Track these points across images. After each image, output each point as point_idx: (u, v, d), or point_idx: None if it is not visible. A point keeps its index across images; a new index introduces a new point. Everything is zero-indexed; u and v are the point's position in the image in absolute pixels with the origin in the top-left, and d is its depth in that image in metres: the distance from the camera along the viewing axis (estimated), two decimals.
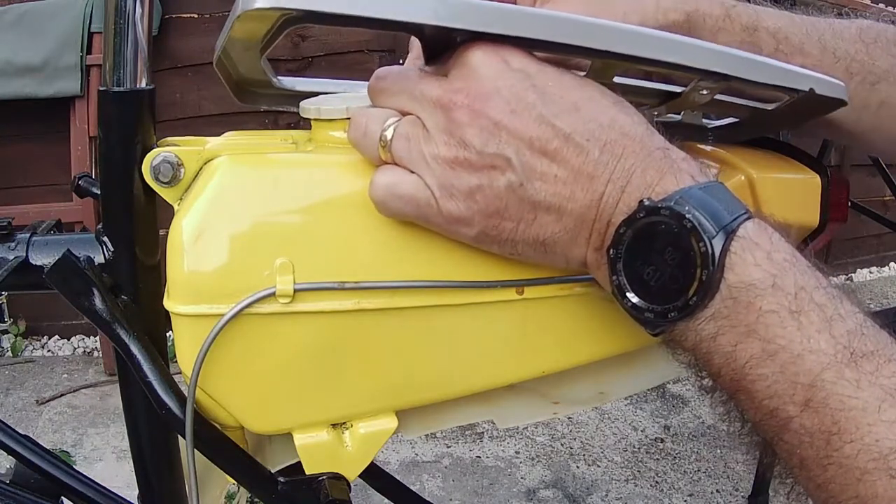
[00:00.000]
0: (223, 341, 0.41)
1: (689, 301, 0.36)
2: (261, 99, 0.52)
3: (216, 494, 0.55)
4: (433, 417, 0.51)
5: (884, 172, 1.96)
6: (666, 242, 0.37)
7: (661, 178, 0.38)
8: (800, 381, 0.34)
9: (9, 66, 1.96)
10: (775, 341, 0.35)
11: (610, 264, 0.39)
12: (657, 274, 0.37)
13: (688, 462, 1.83)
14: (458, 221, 0.40)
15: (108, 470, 1.70)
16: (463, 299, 0.44)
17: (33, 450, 0.54)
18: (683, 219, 0.36)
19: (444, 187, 0.40)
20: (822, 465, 0.34)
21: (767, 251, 0.36)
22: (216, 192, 0.42)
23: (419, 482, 1.72)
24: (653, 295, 0.38)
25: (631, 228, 0.37)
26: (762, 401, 0.36)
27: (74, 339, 2.35)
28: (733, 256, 0.36)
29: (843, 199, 0.56)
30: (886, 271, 3.17)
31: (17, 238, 0.48)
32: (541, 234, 0.40)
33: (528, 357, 0.46)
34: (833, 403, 0.34)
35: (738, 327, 0.36)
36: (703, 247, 0.36)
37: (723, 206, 0.37)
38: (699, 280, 0.36)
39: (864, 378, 0.34)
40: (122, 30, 0.44)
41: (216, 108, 2.19)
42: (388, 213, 0.42)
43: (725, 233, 0.36)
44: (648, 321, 0.38)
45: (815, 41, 0.50)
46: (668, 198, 0.37)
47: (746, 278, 0.36)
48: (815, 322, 0.35)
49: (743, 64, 0.44)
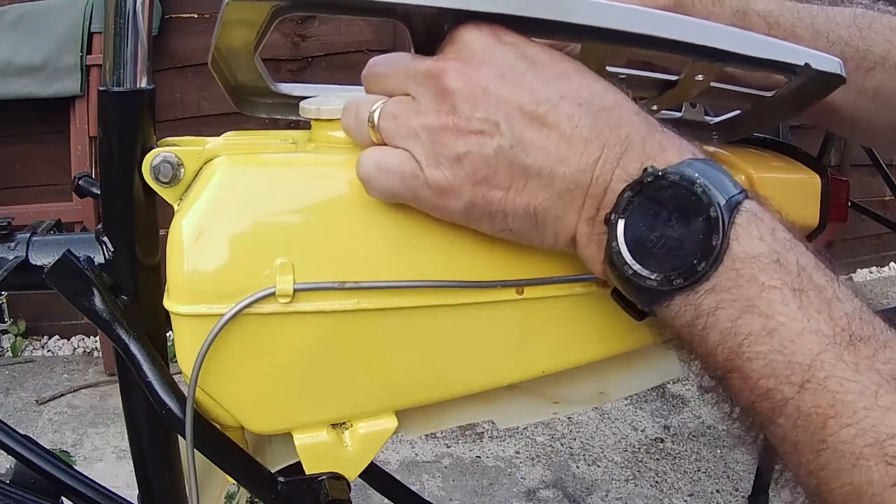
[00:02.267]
0: (223, 341, 0.41)
1: (696, 268, 0.35)
2: (260, 107, 0.52)
3: (216, 494, 0.55)
4: (433, 417, 0.51)
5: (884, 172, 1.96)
6: (674, 207, 0.36)
7: (663, 150, 0.38)
8: (798, 361, 0.33)
9: (9, 66, 1.96)
10: (776, 318, 0.34)
11: (609, 231, 0.37)
12: (661, 240, 0.36)
13: (688, 462, 1.83)
14: (445, 192, 0.39)
15: (108, 470, 1.70)
16: (463, 299, 0.44)
17: (33, 450, 0.54)
18: (694, 184, 0.35)
19: (430, 156, 0.39)
20: (816, 451, 0.33)
21: (771, 227, 0.36)
22: (216, 192, 0.42)
23: (419, 482, 1.72)
24: (656, 262, 0.36)
25: (636, 193, 0.36)
26: (758, 381, 0.35)
27: (74, 339, 2.35)
28: (738, 228, 0.35)
29: (843, 199, 0.56)
30: (886, 271, 3.17)
31: (17, 238, 0.48)
32: (532, 201, 0.39)
33: (528, 357, 0.46)
34: (832, 385, 0.33)
35: (739, 301, 0.35)
36: (714, 212, 0.35)
37: (727, 179, 0.37)
38: (708, 245, 0.35)
39: (861, 362, 0.33)
40: (122, 30, 0.44)
41: (216, 108, 2.18)
42: (374, 191, 0.41)
43: (732, 203, 0.36)
44: (649, 290, 0.37)
45: (808, 25, 0.50)
46: (674, 165, 0.37)
47: (751, 251, 0.35)
48: (815, 302, 0.34)
49: (735, 39, 0.44)
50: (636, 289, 0.37)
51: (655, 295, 0.37)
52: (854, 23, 0.51)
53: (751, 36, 0.45)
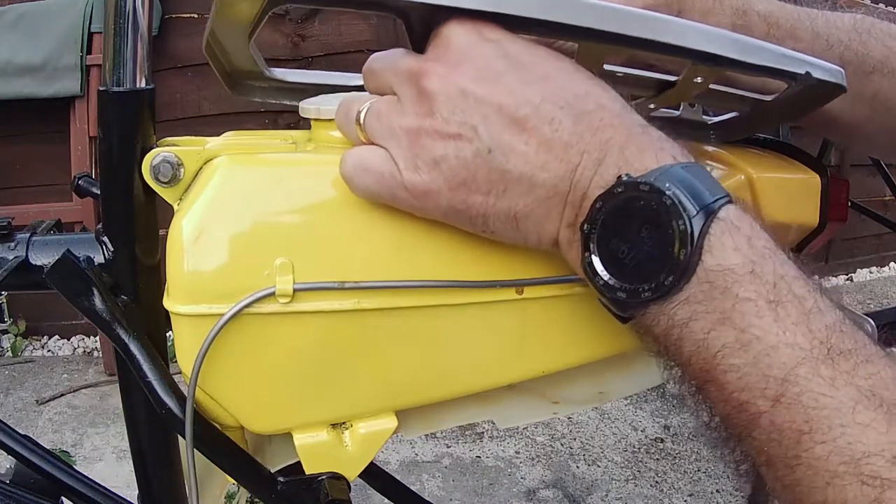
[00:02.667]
0: (223, 341, 0.41)
1: (664, 282, 0.35)
2: (255, 91, 0.52)
3: (216, 494, 0.55)
4: (433, 417, 0.51)
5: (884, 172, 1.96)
6: (644, 219, 0.35)
7: (641, 154, 0.36)
8: (772, 375, 0.33)
9: (9, 66, 1.96)
10: (750, 331, 0.33)
11: (583, 240, 0.37)
12: (633, 252, 0.36)
13: (688, 462, 1.83)
14: (423, 195, 0.39)
15: (108, 470, 1.70)
16: (463, 299, 0.44)
17: (33, 450, 0.54)
18: (663, 195, 0.34)
19: (408, 158, 0.39)
20: (790, 466, 0.33)
21: (748, 236, 0.35)
22: (216, 192, 0.42)
23: (419, 482, 1.72)
24: (627, 274, 0.36)
25: (608, 203, 0.36)
26: (732, 393, 0.34)
27: (74, 339, 2.34)
28: (712, 238, 0.34)
29: (843, 199, 0.56)
30: (886, 271, 3.17)
31: (17, 238, 0.48)
32: (512, 207, 0.38)
33: (528, 357, 0.46)
34: (806, 400, 0.32)
35: (713, 314, 0.34)
36: (683, 225, 0.34)
37: (704, 186, 0.35)
38: (676, 260, 0.34)
39: (839, 377, 0.32)
40: (122, 30, 0.44)
41: (216, 108, 2.18)
42: (356, 189, 0.41)
43: (706, 213, 0.35)
44: (620, 301, 0.36)
45: (808, 27, 0.50)
46: (649, 174, 0.35)
47: (724, 262, 0.34)
48: (793, 314, 0.33)
49: (735, 45, 0.43)
50: (608, 299, 0.37)
51: (628, 306, 0.37)
52: (854, 27, 0.51)
53: (752, 43, 0.44)
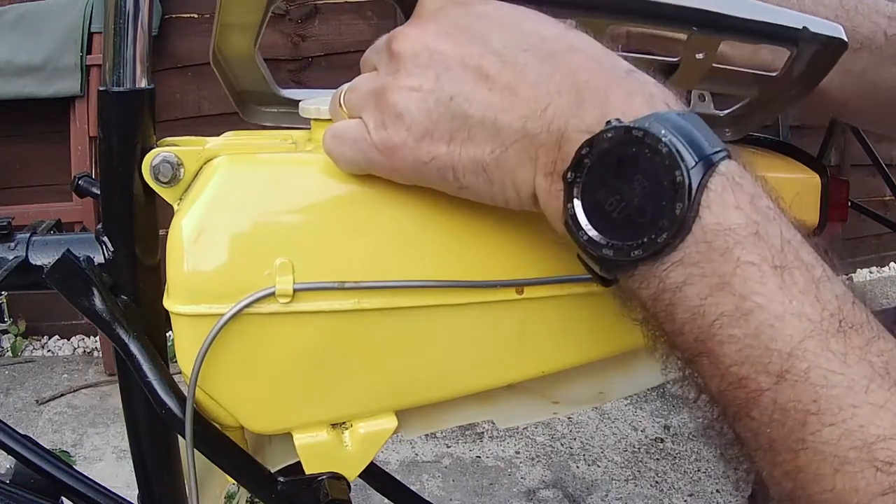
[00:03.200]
0: (223, 341, 0.41)
1: (657, 239, 0.31)
2: (265, 116, 0.52)
3: (216, 494, 0.55)
4: (433, 417, 0.51)
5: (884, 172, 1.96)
6: (636, 169, 0.32)
7: (630, 98, 0.33)
8: (776, 348, 0.29)
9: (9, 66, 1.96)
10: (752, 298, 0.30)
11: (566, 190, 0.33)
12: (621, 205, 0.32)
13: (688, 462, 1.83)
14: (391, 151, 0.38)
15: (108, 470, 1.70)
16: (463, 299, 0.44)
17: (33, 450, 0.54)
18: (660, 142, 0.31)
19: (376, 118, 0.38)
20: (794, 451, 0.29)
21: (751, 194, 0.32)
22: (216, 192, 0.42)
23: (419, 482, 1.72)
24: (614, 229, 0.32)
25: (595, 149, 0.32)
26: (729, 367, 0.31)
27: (74, 339, 2.35)
28: (711, 194, 0.31)
29: (843, 199, 0.56)
30: (886, 271, 3.17)
31: (17, 238, 0.48)
32: (478, 154, 0.36)
33: (528, 357, 0.46)
34: (814, 378, 0.29)
35: (710, 277, 0.31)
36: (680, 175, 0.31)
37: (703, 136, 0.32)
38: (671, 215, 0.31)
39: (851, 352, 0.29)
40: (122, 30, 0.44)
41: (216, 108, 2.18)
42: (338, 162, 0.41)
43: (705, 165, 0.31)
44: (606, 260, 0.33)
45: (794, 3, 0.50)
46: (641, 119, 0.32)
47: (725, 221, 0.31)
48: (800, 282, 0.30)
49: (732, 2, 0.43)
50: (592, 257, 0.34)
51: (615, 265, 0.33)
52: (841, 4, 0.51)
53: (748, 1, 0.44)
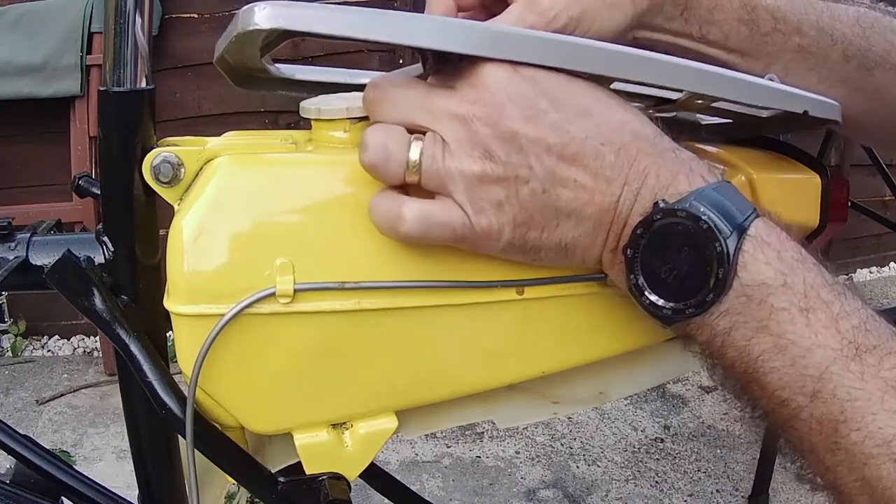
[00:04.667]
0: (223, 341, 0.41)
1: (705, 298, 0.38)
2: (260, 84, 0.52)
3: (216, 494, 0.55)
4: (433, 417, 0.51)
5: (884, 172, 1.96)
6: (683, 242, 0.38)
7: (674, 179, 0.39)
8: (809, 374, 0.36)
9: (9, 66, 1.96)
10: (786, 336, 0.37)
11: (627, 264, 0.40)
12: (674, 272, 0.39)
13: (688, 462, 1.83)
14: (488, 236, 0.41)
15: (108, 470, 1.70)
16: (463, 299, 0.44)
17: (33, 450, 0.54)
18: (699, 220, 0.38)
19: (473, 202, 0.40)
20: (831, 451, 0.36)
21: (778, 250, 0.38)
22: (216, 192, 0.42)
23: (419, 482, 1.72)
24: (670, 292, 0.39)
25: (648, 230, 0.39)
26: (774, 392, 0.38)
27: (74, 339, 2.34)
28: (746, 255, 0.38)
29: (843, 199, 0.56)
30: (886, 271, 3.17)
31: (17, 238, 0.48)
32: (563, 238, 0.41)
33: (528, 357, 0.46)
34: (840, 394, 0.36)
35: (751, 323, 0.38)
36: (719, 246, 0.37)
37: (734, 205, 0.39)
38: (715, 278, 0.38)
39: (867, 371, 0.36)
40: (122, 30, 0.44)
41: (216, 108, 2.18)
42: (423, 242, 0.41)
43: (738, 232, 0.38)
44: (666, 317, 0.40)
45: (813, 22, 0.51)
46: (683, 199, 0.38)
47: (759, 277, 0.38)
48: (823, 319, 0.37)
49: (739, 87, 0.45)
50: (654, 316, 0.40)
51: (672, 320, 0.40)
52: (857, 22, 0.52)
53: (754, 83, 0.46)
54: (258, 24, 0.37)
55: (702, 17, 0.50)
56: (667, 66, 0.43)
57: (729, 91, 0.45)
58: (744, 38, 0.50)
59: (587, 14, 0.46)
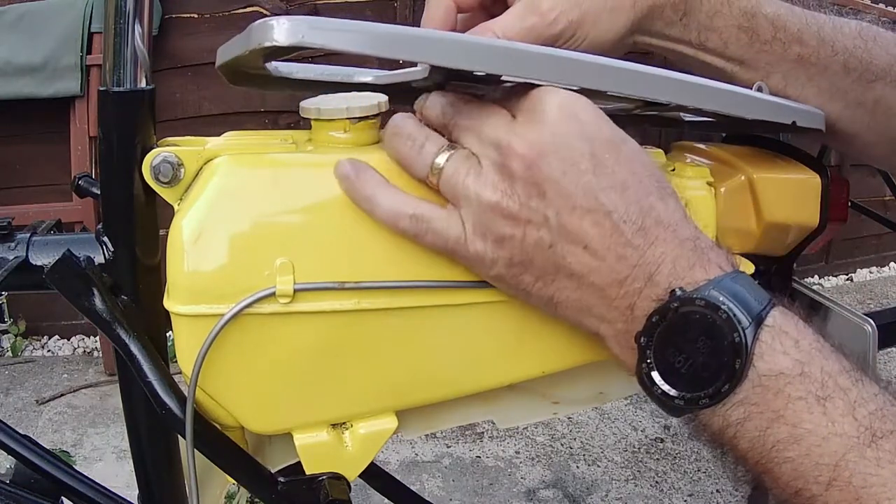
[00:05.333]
0: (223, 341, 0.41)
1: (720, 389, 0.37)
2: (258, 82, 0.52)
3: (216, 494, 0.55)
4: (433, 417, 0.51)
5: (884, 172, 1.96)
6: (699, 332, 0.37)
7: (691, 268, 0.39)
8: (824, 463, 0.36)
9: (9, 66, 1.96)
10: (802, 426, 0.36)
11: (640, 352, 0.39)
12: (689, 362, 0.38)
13: (688, 462, 1.83)
14: (480, 262, 0.41)
15: (108, 470, 1.70)
16: (463, 299, 0.44)
17: (33, 450, 0.54)
18: (719, 310, 0.37)
19: (476, 226, 0.40)
20: None
21: (795, 339, 0.38)
22: (216, 192, 0.42)
23: (419, 482, 1.72)
24: (683, 382, 0.38)
25: (665, 318, 0.38)
26: (788, 482, 0.37)
27: (74, 339, 2.34)
28: (763, 345, 0.37)
29: (843, 199, 0.56)
30: (886, 271, 3.16)
31: (17, 238, 0.48)
32: (556, 295, 0.41)
33: (528, 357, 0.46)
34: (856, 482, 0.35)
35: (766, 413, 0.37)
36: (738, 337, 0.37)
37: (751, 295, 0.38)
38: (732, 368, 0.37)
39: (883, 456, 0.35)
40: (122, 30, 0.44)
41: (216, 108, 2.18)
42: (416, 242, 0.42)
43: (757, 323, 0.37)
44: (678, 408, 0.39)
45: (814, 32, 0.51)
46: (701, 288, 0.38)
47: (776, 367, 0.37)
48: (840, 406, 0.36)
49: (729, 99, 0.46)
50: (665, 406, 0.39)
51: (684, 411, 0.39)
52: (859, 34, 0.51)
53: (744, 95, 0.47)
54: (277, 41, 0.36)
55: (701, 23, 0.50)
56: (660, 81, 0.43)
57: (720, 103, 0.46)
58: (743, 45, 0.50)
59: (587, 18, 0.46)
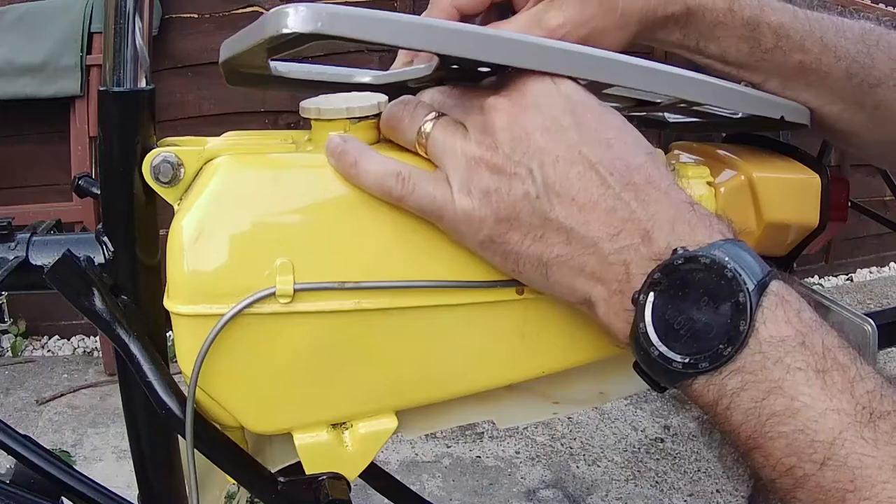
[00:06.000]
0: (223, 341, 0.41)
1: (721, 352, 0.36)
2: (255, 81, 0.51)
3: (216, 494, 0.55)
4: (433, 417, 0.51)
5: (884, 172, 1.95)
6: (703, 292, 0.36)
7: (693, 230, 0.38)
8: (820, 440, 0.35)
9: (9, 66, 1.96)
10: (800, 399, 0.35)
11: (637, 311, 0.38)
12: (689, 323, 0.37)
13: (688, 462, 1.83)
14: (468, 221, 0.41)
15: (108, 470, 1.70)
16: (463, 299, 0.44)
17: (33, 450, 0.54)
18: (725, 268, 0.36)
19: (462, 182, 0.40)
20: None
21: (797, 309, 0.37)
22: (216, 192, 0.42)
23: (419, 482, 1.72)
24: (682, 344, 0.37)
25: (668, 276, 0.37)
26: (780, 459, 0.36)
27: (74, 339, 2.34)
28: (766, 311, 0.36)
29: (843, 199, 0.56)
30: (886, 271, 3.16)
31: (17, 238, 0.48)
32: (545, 253, 0.40)
33: (528, 357, 0.46)
34: (851, 461, 0.34)
35: (765, 383, 0.36)
36: (743, 297, 0.36)
37: (755, 261, 0.37)
38: (735, 330, 0.36)
39: (881, 437, 0.34)
40: (122, 30, 0.44)
41: (216, 108, 2.18)
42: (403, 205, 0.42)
43: (760, 287, 0.36)
44: (674, 373, 0.37)
45: (817, 38, 0.51)
46: (706, 248, 0.37)
47: (777, 334, 0.36)
48: (839, 382, 0.35)
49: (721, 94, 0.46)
50: (660, 370, 0.38)
51: (680, 376, 0.38)
52: (862, 38, 0.51)
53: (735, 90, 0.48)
54: (293, 28, 0.35)
55: (702, 32, 0.50)
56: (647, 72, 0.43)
57: (712, 97, 0.46)
58: (743, 54, 0.50)
59: (593, 34, 0.47)
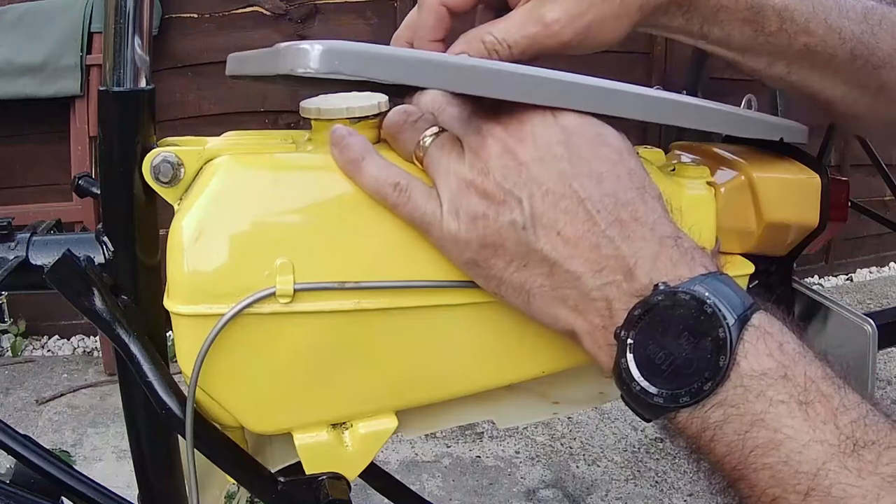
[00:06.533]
0: (223, 341, 0.41)
1: (702, 387, 0.36)
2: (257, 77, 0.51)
3: (216, 494, 0.55)
4: (433, 417, 0.51)
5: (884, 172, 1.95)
6: (683, 327, 0.37)
7: (675, 265, 0.38)
8: (804, 471, 0.35)
9: (9, 66, 1.96)
10: (783, 431, 0.35)
11: (619, 347, 0.38)
12: (670, 358, 0.37)
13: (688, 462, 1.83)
14: (453, 241, 0.41)
15: (108, 470, 1.70)
16: (463, 299, 0.44)
17: (33, 450, 0.54)
18: (704, 304, 0.36)
19: (451, 202, 0.41)
20: None
21: (779, 342, 0.37)
22: (216, 192, 0.42)
23: (419, 482, 1.72)
24: (663, 379, 0.37)
25: (648, 312, 0.37)
26: (764, 490, 0.36)
27: (74, 339, 2.34)
28: (747, 345, 0.36)
29: (843, 199, 0.56)
30: (886, 271, 3.16)
31: (17, 238, 0.48)
32: (528, 282, 0.40)
33: (528, 357, 0.46)
34: (835, 492, 0.34)
35: (747, 416, 0.36)
36: (723, 332, 0.36)
37: (736, 294, 0.37)
38: (715, 366, 0.36)
39: (864, 467, 0.34)
40: (122, 30, 0.44)
41: (216, 108, 2.18)
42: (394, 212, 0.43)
43: (741, 321, 0.37)
44: (656, 406, 0.38)
45: (821, 20, 0.50)
46: (686, 283, 0.37)
47: (759, 367, 0.36)
48: (822, 413, 0.35)
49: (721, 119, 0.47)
50: (643, 404, 0.38)
51: (662, 410, 0.38)
52: (865, 18, 0.51)
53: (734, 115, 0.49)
54: (311, 69, 0.35)
55: (705, 17, 0.49)
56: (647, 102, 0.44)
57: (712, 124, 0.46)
58: (747, 38, 0.50)
59: (592, 27, 0.46)
